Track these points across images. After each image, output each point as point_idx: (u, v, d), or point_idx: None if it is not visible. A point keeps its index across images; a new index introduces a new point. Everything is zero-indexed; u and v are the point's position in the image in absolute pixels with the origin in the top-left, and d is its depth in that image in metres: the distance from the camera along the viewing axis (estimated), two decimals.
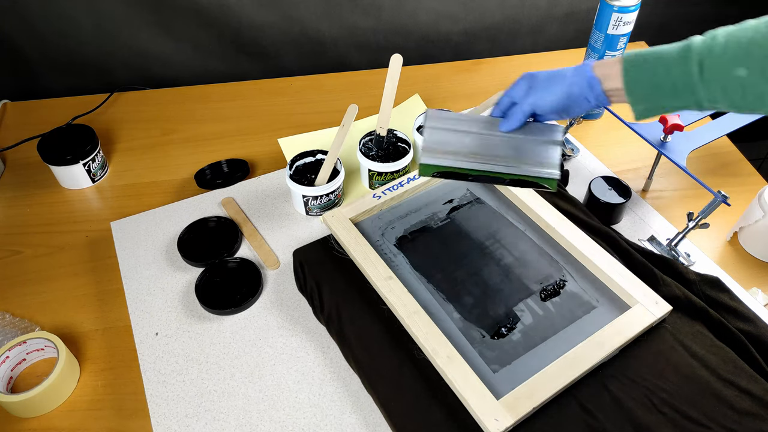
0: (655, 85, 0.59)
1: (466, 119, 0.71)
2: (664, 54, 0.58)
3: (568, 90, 0.64)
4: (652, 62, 0.59)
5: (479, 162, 0.70)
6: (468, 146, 0.70)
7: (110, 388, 0.70)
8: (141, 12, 1.10)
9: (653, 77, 0.59)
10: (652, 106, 0.61)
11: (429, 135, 0.71)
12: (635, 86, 0.60)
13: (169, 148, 1.02)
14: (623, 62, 0.61)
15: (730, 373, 0.65)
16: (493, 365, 0.65)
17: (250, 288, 0.78)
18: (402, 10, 1.18)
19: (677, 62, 0.57)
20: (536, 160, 0.70)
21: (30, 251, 0.85)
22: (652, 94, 0.60)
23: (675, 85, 0.58)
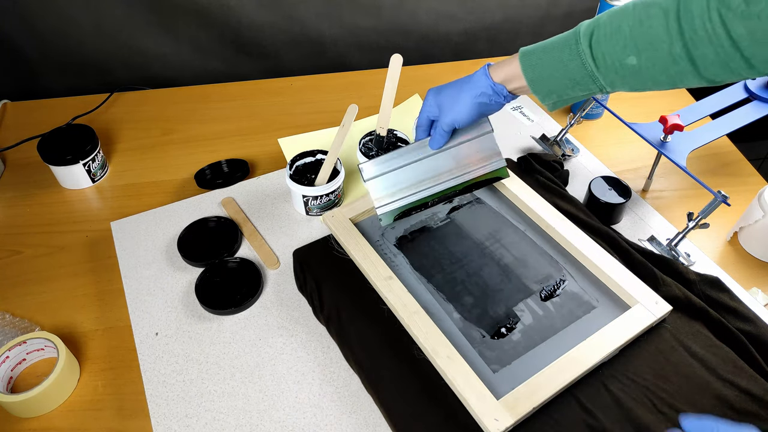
0: (557, 81, 0.61)
1: (399, 154, 0.74)
2: (557, 49, 0.60)
3: (476, 101, 0.66)
4: (548, 61, 0.60)
5: (429, 187, 0.75)
6: (412, 178, 0.74)
7: (110, 388, 0.70)
8: (141, 12, 1.10)
9: (553, 75, 0.60)
10: (559, 99, 0.63)
11: (373, 187, 0.74)
12: (539, 85, 0.62)
13: (169, 148, 1.02)
14: (521, 64, 0.62)
15: (730, 373, 0.65)
16: (493, 365, 0.65)
17: (250, 288, 0.78)
18: (402, 10, 1.18)
19: (571, 57, 0.59)
20: (478, 158, 0.74)
21: (30, 251, 0.85)
22: (556, 89, 0.62)
23: (574, 79, 0.59)
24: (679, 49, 0.52)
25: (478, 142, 0.74)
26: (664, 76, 0.55)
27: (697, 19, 0.50)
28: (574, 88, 0.60)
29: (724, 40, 0.50)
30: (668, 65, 0.54)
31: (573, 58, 0.58)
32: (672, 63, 0.53)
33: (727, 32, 0.49)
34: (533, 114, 1.07)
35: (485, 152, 0.75)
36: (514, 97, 0.66)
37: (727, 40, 0.50)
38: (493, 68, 0.65)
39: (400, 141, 0.92)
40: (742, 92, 0.93)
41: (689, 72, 0.53)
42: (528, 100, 1.10)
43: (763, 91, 0.92)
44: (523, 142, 1.01)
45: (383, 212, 0.74)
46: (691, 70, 0.53)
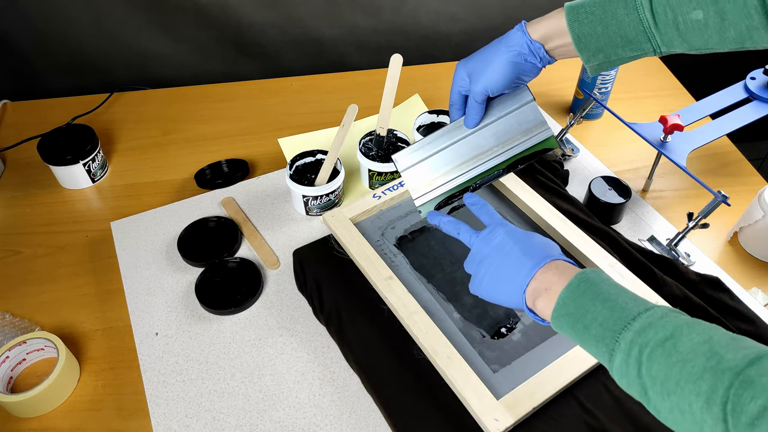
0: (607, 38, 0.55)
1: (434, 138, 0.68)
2: (611, 2, 0.54)
3: (511, 61, 0.60)
4: (599, 14, 0.55)
5: (471, 169, 0.68)
6: (451, 162, 0.68)
7: (110, 388, 0.70)
8: (141, 12, 1.10)
9: (604, 30, 0.55)
10: (607, 59, 0.57)
11: (409, 177, 0.69)
12: (586, 42, 0.56)
13: (169, 148, 1.02)
14: (567, 18, 0.57)
15: None
16: (493, 365, 0.65)
17: (250, 288, 0.78)
18: (402, 10, 1.18)
19: (626, 11, 0.54)
20: (521, 131, 0.66)
21: (30, 251, 0.85)
22: (605, 48, 0.56)
23: (627, 36, 0.54)
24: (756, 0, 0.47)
25: (518, 114, 0.66)
26: (732, 32, 0.50)
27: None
28: (625, 47, 0.55)
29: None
30: (740, 19, 0.48)
31: (629, 12, 0.53)
32: (745, 16, 0.48)
33: None
34: None
35: (528, 124, 0.66)
36: (552, 60, 0.60)
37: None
38: (530, 24, 0.60)
39: (400, 141, 0.92)
40: (742, 92, 0.93)
41: (763, 27, 0.48)
42: None
43: (763, 91, 0.92)
44: None
45: (422, 203, 0.68)
46: (766, 24, 0.48)
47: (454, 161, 0.68)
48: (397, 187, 0.84)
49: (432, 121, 0.96)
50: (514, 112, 0.67)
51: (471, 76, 0.63)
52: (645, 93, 1.13)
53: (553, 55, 0.60)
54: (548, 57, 0.60)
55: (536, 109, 0.66)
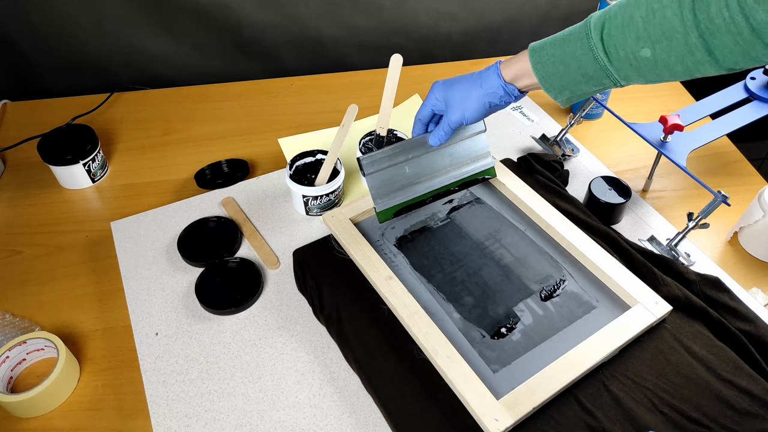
0: (569, 77, 0.59)
1: (398, 149, 0.74)
2: (568, 43, 0.58)
3: (487, 100, 0.65)
4: (559, 55, 0.59)
5: (426, 183, 0.76)
6: (410, 174, 0.75)
7: (110, 388, 0.70)
8: (141, 12, 1.10)
9: (566, 69, 0.59)
10: (572, 94, 0.61)
11: (372, 182, 0.74)
12: (550, 81, 0.60)
13: (169, 148, 1.02)
14: (531, 62, 0.61)
15: (730, 373, 0.65)
16: (493, 365, 0.65)
17: (250, 288, 0.78)
18: (402, 10, 1.18)
19: (582, 52, 0.57)
20: (471, 157, 0.77)
21: (30, 251, 0.85)
22: (568, 85, 0.60)
23: (588, 73, 0.58)
24: (695, 39, 0.50)
25: (471, 141, 0.76)
26: (680, 67, 0.53)
27: (713, 7, 0.48)
28: (587, 83, 0.59)
29: (744, 28, 0.47)
30: (684, 56, 0.52)
31: (585, 52, 0.57)
32: (688, 53, 0.51)
33: (746, 20, 0.47)
34: (533, 114, 1.07)
35: (478, 152, 0.78)
36: (522, 96, 0.65)
37: (747, 28, 0.48)
38: (503, 65, 0.64)
39: (400, 141, 0.92)
40: (742, 92, 0.93)
41: (707, 62, 0.51)
42: (528, 101, 1.10)
43: (763, 91, 0.92)
44: (523, 142, 1.01)
45: (382, 208, 0.76)
46: (709, 59, 0.51)
47: (413, 175, 0.76)
48: None
49: None
50: (468, 138, 0.76)
51: (447, 102, 0.68)
52: (645, 93, 1.13)
53: (526, 90, 0.65)
54: (522, 93, 0.65)
55: (485, 140, 0.77)
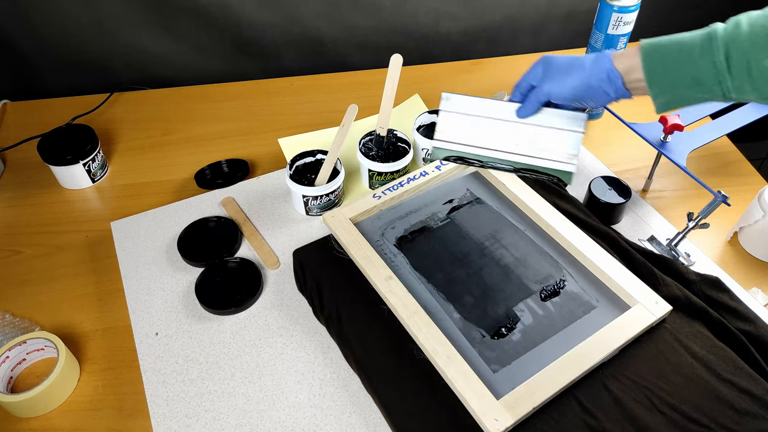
0: (679, 77, 0.57)
1: (484, 104, 0.69)
2: (686, 43, 0.56)
3: (586, 81, 0.62)
4: (674, 53, 0.56)
5: (493, 150, 0.69)
6: (483, 132, 0.69)
7: (110, 388, 0.70)
8: (141, 12, 1.10)
9: (677, 68, 0.56)
10: (674, 98, 0.58)
11: (444, 119, 0.70)
12: (657, 78, 0.58)
13: (169, 148, 1.02)
14: (642, 52, 0.58)
15: (730, 373, 0.65)
16: (493, 365, 0.65)
17: (250, 288, 0.78)
18: (402, 10, 1.18)
19: (701, 52, 0.55)
20: (554, 150, 0.67)
21: (30, 251, 0.85)
22: (675, 86, 0.57)
23: (699, 77, 0.55)
24: None
25: (564, 134, 0.67)
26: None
27: None
28: (694, 88, 0.56)
29: None
30: None
31: (703, 54, 0.54)
32: None
33: None
34: None
35: (564, 149, 0.68)
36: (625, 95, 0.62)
37: None
38: (616, 54, 0.61)
39: (400, 141, 0.92)
40: None
41: None
42: None
43: None
44: None
45: (439, 146, 0.70)
46: None
47: (488, 135, 0.69)
48: (397, 187, 0.84)
49: (432, 121, 0.96)
50: (562, 131, 0.68)
51: (545, 73, 0.65)
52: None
53: (630, 89, 0.61)
54: (623, 89, 0.61)
55: (578, 143, 0.67)
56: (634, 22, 0.92)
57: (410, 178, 0.85)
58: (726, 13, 0.60)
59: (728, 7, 1.22)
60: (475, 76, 1.17)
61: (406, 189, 0.84)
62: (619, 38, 0.93)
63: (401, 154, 0.90)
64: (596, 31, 0.95)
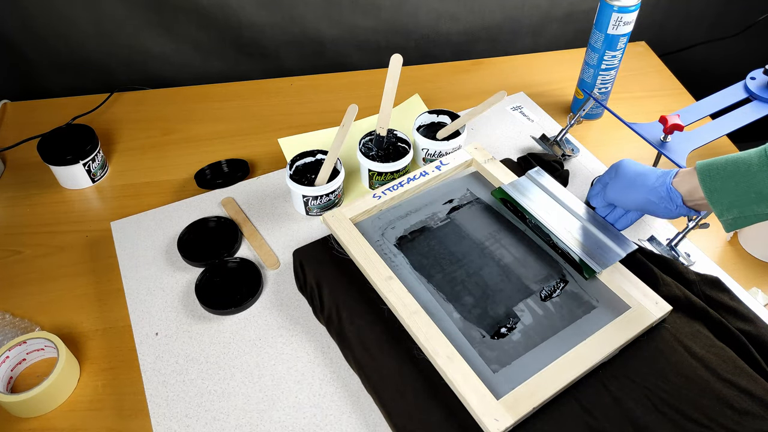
0: (740, 193, 0.57)
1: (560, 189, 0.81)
2: (743, 162, 0.57)
3: (647, 197, 0.67)
4: (731, 170, 0.57)
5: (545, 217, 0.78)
6: (545, 204, 0.79)
7: (110, 388, 0.70)
8: (141, 12, 1.10)
9: (736, 185, 0.57)
10: (741, 215, 0.59)
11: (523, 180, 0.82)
12: (717, 197, 0.59)
13: (168, 148, 1.02)
14: (699, 174, 0.60)
15: (730, 373, 0.65)
16: (493, 365, 0.65)
17: (250, 288, 0.78)
18: (402, 9, 1.18)
19: (760, 168, 0.55)
20: (591, 250, 0.74)
21: (30, 251, 0.85)
22: (737, 203, 0.58)
23: (762, 192, 0.56)
24: None
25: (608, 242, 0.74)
26: None
27: None
28: (760, 203, 0.57)
29: None
30: None
31: (761, 168, 0.55)
32: None
33: None
34: (533, 114, 1.07)
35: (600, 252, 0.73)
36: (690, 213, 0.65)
37: None
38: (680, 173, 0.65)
39: (400, 141, 0.92)
40: (742, 92, 0.93)
41: None
42: (528, 101, 1.10)
43: (763, 91, 0.92)
44: (523, 142, 1.01)
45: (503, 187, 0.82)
46: None
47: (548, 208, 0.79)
48: (397, 187, 0.84)
49: (432, 121, 0.96)
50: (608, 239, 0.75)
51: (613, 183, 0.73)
52: (645, 93, 1.13)
53: (693, 207, 0.65)
54: (685, 207, 0.65)
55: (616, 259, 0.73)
56: (634, 22, 0.92)
57: (410, 178, 0.85)
58: (724, 10, 0.60)
59: (726, 4, 1.22)
60: (475, 76, 1.17)
61: (406, 189, 0.84)
62: (619, 38, 0.93)
63: (401, 154, 0.90)
64: (596, 31, 0.95)
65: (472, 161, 0.88)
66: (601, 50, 0.95)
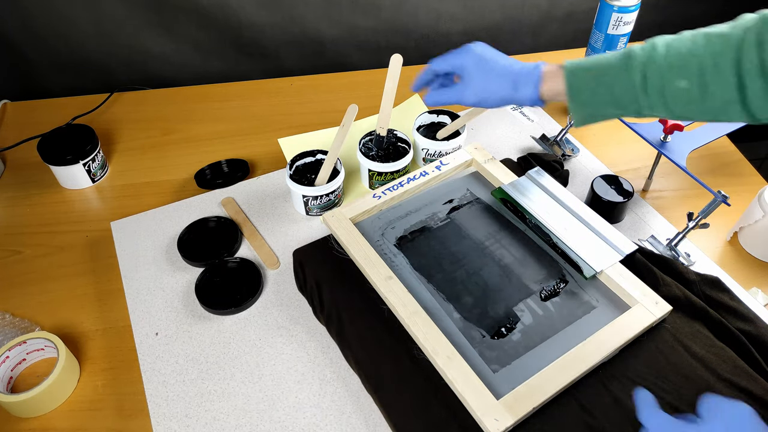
0: (598, 95, 0.61)
1: (561, 189, 0.81)
2: (606, 64, 0.60)
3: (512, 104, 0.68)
4: (594, 72, 0.60)
5: (544, 218, 0.77)
6: (545, 204, 0.79)
7: (110, 388, 0.70)
8: (141, 12, 1.10)
9: (596, 86, 0.60)
10: (591, 113, 0.62)
11: (523, 180, 0.82)
12: (576, 94, 0.62)
13: (169, 148, 1.02)
14: (565, 71, 0.62)
15: (730, 373, 0.65)
16: (493, 365, 0.65)
17: (250, 288, 0.78)
18: (402, 9, 1.18)
19: (619, 72, 0.59)
20: (591, 250, 0.74)
21: (30, 251, 0.85)
22: (593, 103, 0.61)
23: (617, 95, 0.59)
24: (732, 77, 0.53)
25: (607, 242, 0.75)
26: (710, 103, 0.55)
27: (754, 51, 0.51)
28: (612, 105, 0.60)
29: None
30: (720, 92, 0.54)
31: (621, 74, 0.58)
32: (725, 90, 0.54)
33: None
34: (533, 114, 1.07)
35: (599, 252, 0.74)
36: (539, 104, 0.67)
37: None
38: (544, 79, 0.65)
39: (400, 141, 0.92)
40: None
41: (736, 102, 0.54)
42: None
43: None
44: (523, 142, 1.01)
45: (503, 186, 0.81)
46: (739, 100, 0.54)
47: (548, 208, 0.79)
48: (397, 187, 0.84)
49: (432, 121, 0.96)
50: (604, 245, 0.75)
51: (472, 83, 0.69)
52: None
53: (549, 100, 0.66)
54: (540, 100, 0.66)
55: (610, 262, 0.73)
56: (634, 22, 0.92)
57: (410, 178, 0.85)
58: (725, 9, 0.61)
59: (726, 3, 1.22)
60: None
61: (406, 189, 0.84)
62: (619, 38, 0.93)
63: (401, 154, 0.90)
64: (596, 31, 0.95)
65: (472, 161, 0.88)
66: (601, 50, 0.95)
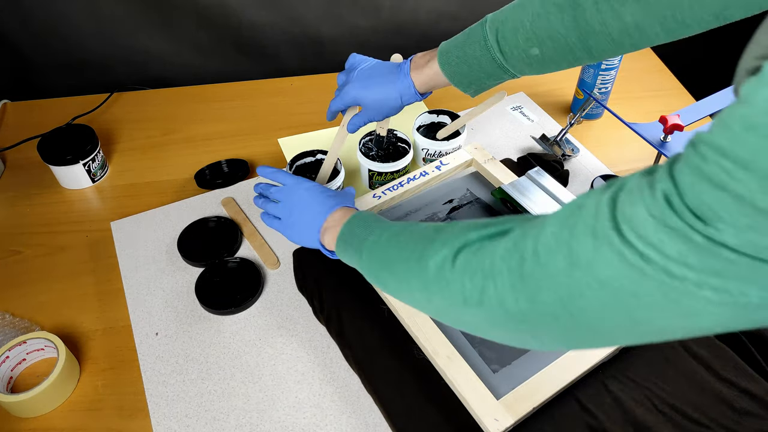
0: (473, 74, 0.66)
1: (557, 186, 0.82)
2: (470, 45, 0.65)
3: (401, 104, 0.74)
4: (462, 57, 0.66)
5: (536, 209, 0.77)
6: (543, 204, 0.80)
7: (110, 388, 0.70)
8: (141, 12, 1.10)
9: (469, 69, 0.66)
10: (479, 87, 0.68)
11: (523, 180, 0.82)
12: (458, 78, 0.68)
13: (169, 148, 1.02)
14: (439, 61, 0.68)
15: (730, 373, 0.65)
16: (493, 365, 0.65)
17: (250, 288, 0.78)
18: (402, 9, 1.18)
19: (482, 53, 0.64)
20: None
21: (30, 251, 0.85)
22: (474, 80, 0.67)
23: (487, 71, 0.65)
24: (575, 39, 0.58)
25: None
26: (564, 63, 0.62)
27: (588, 12, 0.56)
28: (489, 78, 0.66)
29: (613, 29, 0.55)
30: (566, 53, 0.60)
31: (483, 53, 0.64)
32: (569, 51, 0.60)
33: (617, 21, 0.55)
34: (533, 114, 1.07)
35: None
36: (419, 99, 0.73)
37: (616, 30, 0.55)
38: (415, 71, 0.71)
39: (400, 141, 0.92)
40: None
41: (586, 57, 0.60)
42: (528, 100, 1.10)
43: None
44: (523, 142, 1.01)
45: (503, 186, 0.82)
46: (587, 56, 0.60)
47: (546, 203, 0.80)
48: (397, 187, 0.84)
49: (432, 121, 0.96)
50: None
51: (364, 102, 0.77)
52: (645, 93, 1.13)
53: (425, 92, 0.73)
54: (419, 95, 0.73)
55: None
56: None
57: (410, 178, 0.85)
58: None
59: None
60: None
61: (406, 189, 0.84)
62: None
63: (401, 154, 0.90)
64: None
65: (472, 161, 0.88)
66: None
